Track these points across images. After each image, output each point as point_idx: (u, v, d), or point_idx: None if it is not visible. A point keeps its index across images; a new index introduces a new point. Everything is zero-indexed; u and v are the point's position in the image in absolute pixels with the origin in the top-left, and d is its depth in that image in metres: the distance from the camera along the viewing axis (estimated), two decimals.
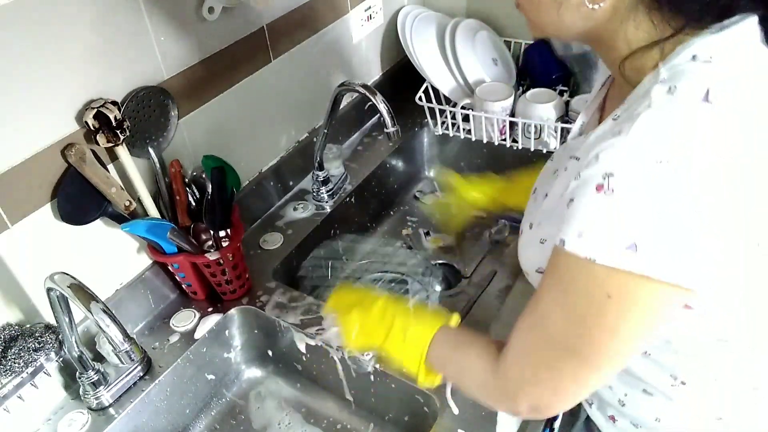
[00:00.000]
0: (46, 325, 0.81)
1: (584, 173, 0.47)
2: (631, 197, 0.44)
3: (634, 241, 0.44)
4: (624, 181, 0.44)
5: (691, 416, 0.66)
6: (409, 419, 0.91)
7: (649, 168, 0.43)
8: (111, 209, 0.86)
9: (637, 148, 0.45)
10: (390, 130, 0.98)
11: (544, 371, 0.56)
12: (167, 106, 0.91)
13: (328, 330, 0.90)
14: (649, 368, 0.63)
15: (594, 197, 0.45)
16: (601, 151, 0.46)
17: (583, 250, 0.46)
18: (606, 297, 0.47)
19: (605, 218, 0.45)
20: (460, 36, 1.31)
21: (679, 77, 0.47)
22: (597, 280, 0.47)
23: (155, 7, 0.85)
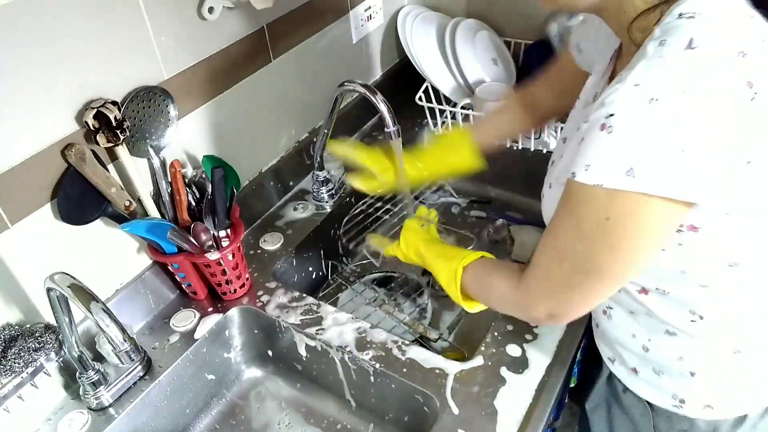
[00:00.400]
0: (46, 325, 0.81)
1: (592, 117, 0.55)
2: (627, 131, 0.52)
3: (632, 166, 0.52)
4: (622, 119, 0.52)
5: (711, 351, 0.71)
6: (409, 419, 0.91)
7: (643, 106, 0.51)
8: (111, 209, 0.86)
9: (633, 91, 0.52)
10: (390, 130, 0.98)
11: (559, 285, 0.66)
12: (167, 106, 0.91)
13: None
14: (669, 307, 0.69)
15: (598, 134, 0.54)
16: (606, 96, 0.55)
17: (589, 179, 0.54)
18: (605, 219, 0.56)
19: (607, 151, 0.53)
20: (460, 36, 1.31)
21: (668, 32, 0.55)
22: (600, 204, 0.55)
23: (155, 7, 0.85)
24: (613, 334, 0.79)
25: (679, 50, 0.52)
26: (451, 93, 1.33)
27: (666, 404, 0.77)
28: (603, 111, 0.54)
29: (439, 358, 0.87)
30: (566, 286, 0.65)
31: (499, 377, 0.84)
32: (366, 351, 0.89)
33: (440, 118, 1.34)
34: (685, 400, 0.75)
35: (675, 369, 0.74)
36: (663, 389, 0.76)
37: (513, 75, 1.39)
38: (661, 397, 0.77)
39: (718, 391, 0.74)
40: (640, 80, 0.52)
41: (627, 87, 0.53)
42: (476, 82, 1.31)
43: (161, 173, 0.91)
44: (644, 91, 0.52)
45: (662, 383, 0.76)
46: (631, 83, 0.53)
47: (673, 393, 0.76)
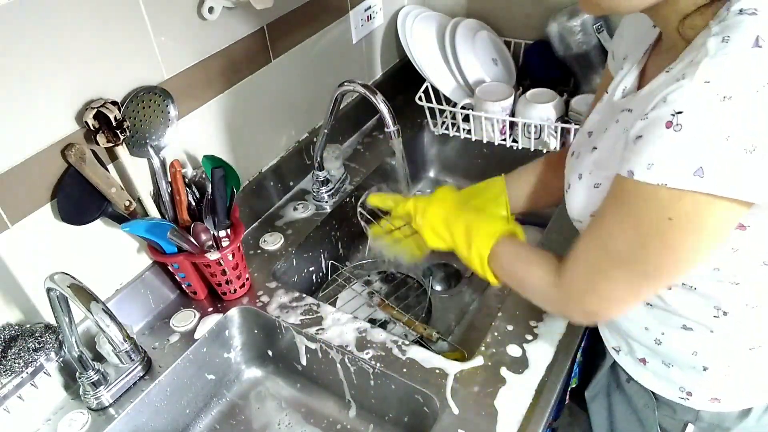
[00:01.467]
0: (46, 325, 0.81)
1: (652, 114, 0.53)
2: (698, 130, 0.50)
3: (701, 166, 0.51)
4: (692, 117, 0.51)
5: (728, 347, 0.71)
6: (409, 419, 0.91)
7: (714, 104, 0.50)
8: (111, 209, 0.86)
9: (703, 88, 0.51)
10: (390, 130, 0.98)
11: (602, 281, 0.65)
12: (167, 106, 0.91)
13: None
14: (694, 302, 0.68)
15: (663, 132, 0.52)
16: (669, 93, 0.53)
17: (653, 178, 0.53)
18: (668, 219, 0.55)
19: (675, 149, 0.52)
20: (460, 36, 1.31)
21: (730, 29, 0.53)
22: (663, 204, 0.54)
23: (155, 7, 0.85)
24: (624, 325, 0.78)
25: (747, 48, 0.51)
26: (451, 93, 1.33)
27: (672, 396, 0.77)
28: (667, 108, 0.52)
29: (439, 358, 0.87)
30: (614, 284, 0.64)
31: (499, 377, 0.84)
32: (366, 351, 0.89)
33: (440, 118, 1.34)
34: (692, 392, 0.75)
35: (687, 363, 0.74)
36: (671, 381, 0.77)
37: (513, 75, 1.39)
38: (667, 389, 0.78)
39: (727, 385, 0.74)
40: (710, 77, 0.51)
41: (696, 84, 0.51)
42: (476, 82, 1.31)
43: (161, 173, 0.91)
44: (716, 89, 0.50)
45: (671, 375, 0.76)
46: (700, 80, 0.51)
47: (681, 385, 0.76)
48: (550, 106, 1.21)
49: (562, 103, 1.24)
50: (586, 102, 1.22)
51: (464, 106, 1.30)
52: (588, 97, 1.24)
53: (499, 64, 1.37)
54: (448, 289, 1.20)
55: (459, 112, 1.29)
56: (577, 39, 1.26)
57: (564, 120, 1.22)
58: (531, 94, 1.24)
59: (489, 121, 1.25)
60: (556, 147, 1.22)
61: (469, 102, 1.31)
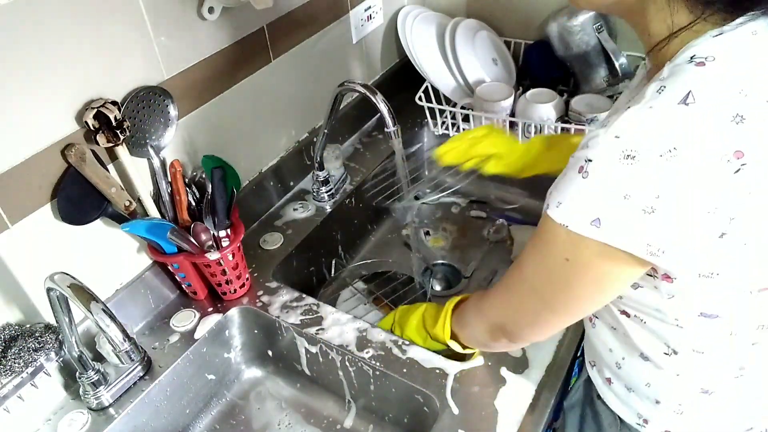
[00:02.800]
0: (46, 325, 0.81)
1: (576, 154, 0.55)
2: (600, 182, 0.52)
3: (598, 216, 0.52)
4: (597, 168, 0.52)
5: (679, 385, 0.70)
6: (409, 419, 0.91)
7: (618, 160, 0.51)
8: (111, 209, 0.86)
9: (612, 142, 0.51)
10: (390, 130, 0.98)
11: (515, 304, 0.69)
12: (167, 106, 0.91)
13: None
14: (645, 336, 0.68)
15: (575, 176, 0.54)
16: (590, 138, 0.54)
17: (558, 217, 0.55)
18: (565, 260, 0.57)
19: (578, 195, 0.53)
20: (460, 36, 1.31)
21: (672, 76, 0.52)
22: (563, 243, 0.56)
23: (155, 7, 0.85)
24: (594, 342, 0.78)
25: (673, 104, 0.50)
26: (451, 93, 1.33)
27: (631, 420, 0.76)
28: (584, 153, 0.53)
29: (439, 358, 0.87)
30: (521, 307, 0.68)
31: (499, 377, 0.84)
32: (366, 351, 0.89)
33: (440, 118, 1.34)
34: (648, 420, 0.74)
35: (642, 392, 0.73)
36: (630, 406, 0.76)
37: (513, 75, 1.39)
38: (627, 412, 0.77)
39: (680, 421, 0.72)
40: (621, 132, 0.51)
41: (609, 136, 0.51)
42: (476, 82, 1.31)
43: (161, 173, 0.91)
44: (623, 146, 0.50)
45: (630, 400, 0.75)
46: (612, 134, 0.51)
47: (638, 412, 0.75)
48: (550, 106, 1.21)
49: (562, 103, 1.24)
50: (586, 102, 1.22)
51: (464, 106, 1.30)
52: (588, 97, 1.24)
53: (499, 64, 1.37)
54: (448, 289, 1.20)
55: (459, 112, 1.29)
56: (577, 39, 1.26)
57: (564, 120, 1.22)
58: (531, 94, 1.24)
59: (489, 121, 1.25)
60: None
61: (469, 102, 1.31)
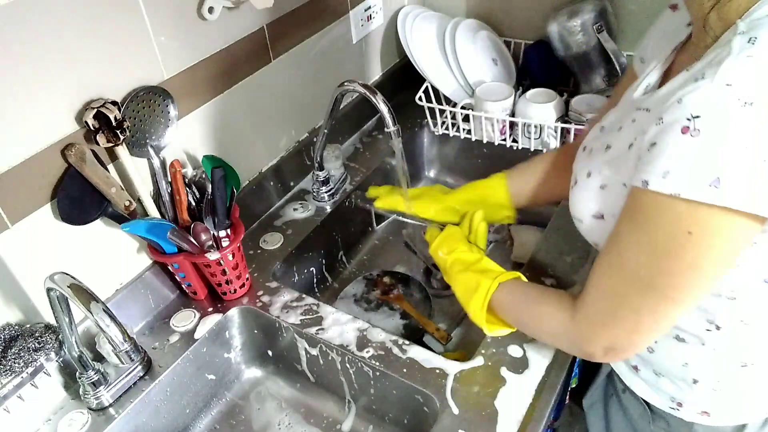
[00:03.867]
0: (46, 325, 0.81)
1: (667, 117, 0.50)
2: (717, 137, 0.47)
3: (718, 176, 0.47)
4: (710, 123, 0.47)
5: (719, 361, 0.69)
6: (409, 419, 0.91)
7: (735, 110, 0.46)
8: (111, 209, 0.86)
9: (723, 91, 0.47)
10: (390, 130, 0.98)
11: (624, 309, 0.59)
12: (167, 106, 0.91)
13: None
14: (689, 315, 0.65)
15: (679, 138, 0.48)
16: (685, 95, 0.49)
17: (668, 188, 0.50)
18: (687, 233, 0.51)
19: (691, 157, 0.48)
20: (460, 36, 1.31)
21: (758, 29, 0.49)
22: (680, 216, 0.50)
23: (155, 7, 0.85)
24: None
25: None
26: (451, 93, 1.33)
27: (663, 405, 0.76)
28: (683, 112, 0.49)
29: (439, 358, 0.87)
30: (634, 311, 0.59)
31: (499, 377, 0.84)
32: (366, 351, 0.89)
33: (440, 118, 1.34)
34: (682, 403, 0.74)
35: (677, 374, 0.72)
36: (661, 390, 0.76)
37: (513, 75, 1.39)
38: (658, 398, 0.77)
39: (717, 399, 0.72)
40: (732, 80, 0.47)
41: (716, 86, 0.47)
42: (476, 82, 1.31)
43: (161, 173, 0.91)
44: (738, 93, 0.47)
45: (660, 384, 0.75)
46: (721, 82, 0.47)
47: (671, 395, 0.75)
48: (550, 106, 1.21)
49: (562, 103, 1.24)
50: (586, 102, 1.22)
51: (464, 106, 1.30)
52: (588, 97, 1.24)
53: (499, 64, 1.37)
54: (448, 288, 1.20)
55: (459, 112, 1.29)
56: (577, 39, 1.26)
57: (564, 120, 1.22)
58: (531, 94, 1.24)
59: (489, 121, 1.25)
60: (556, 147, 1.22)
61: (469, 102, 1.31)
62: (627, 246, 0.57)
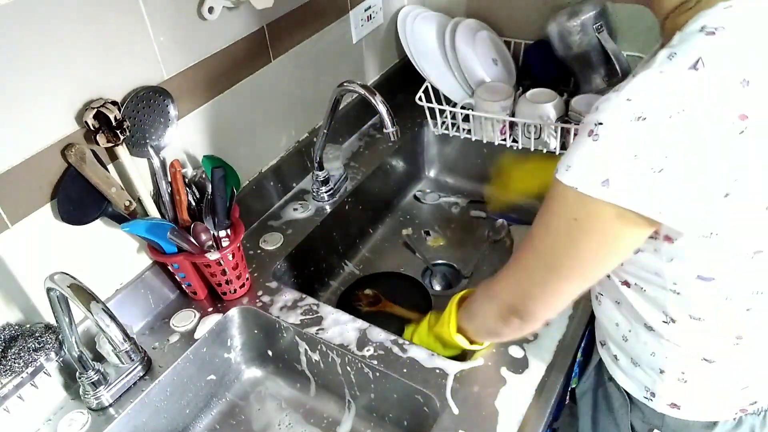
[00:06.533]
0: (46, 325, 0.81)
1: (586, 119, 0.56)
2: (611, 144, 0.53)
3: (608, 177, 0.53)
4: (607, 130, 0.53)
5: (680, 354, 0.71)
6: (409, 419, 0.91)
7: (629, 122, 0.52)
8: (111, 209, 0.86)
9: (624, 105, 0.53)
10: (389, 131, 0.98)
11: (525, 277, 0.68)
12: (167, 106, 0.91)
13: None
14: (645, 304, 0.70)
15: (585, 139, 0.55)
16: (600, 102, 0.55)
17: (567, 179, 0.56)
18: (573, 219, 0.58)
19: (588, 157, 0.55)
20: (460, 36, 1.31)
21: (682, 43, 0.54)
22: (571, 204, 0.57)
23: (155, 7, 0.85)
24: (602, 320, 0.80)
25: (683, 69, 0.52)
26: (451, 93, 1.33)
27: (638, 395, 0.78)
28: (594, 117, 0.54)
29: (439, 358, 0.87)
30: (532, 280, 0.67)
31: (499, 377, 0.84)
32: (366, 351, 0.89)
33: (440, 118, 1.34)
34: (654, 394, 0.76)
35: (648, 363, 0.75)
36: (637, 380, 0.78)
37: (513, 75, 1.39)
38: (635, 387, 0.79)
39: (684, 392, 0.74)
40: (633, 95, 0.53)
41: (620, 99, 0.53)
42: (476, 82, 1.31)
43: (161, 173, 0.91)
44: (634, 108, 0.52)
45: (636, 374, 0.77)
46: (624, 96, 0.53)
47: (645, 385, 0.77)
48: (550, 106, 1.21)
49: (562, 103, 1.24)
50: (586, 102, 1.22)
51: (464, 106, 1.30)
52: (588, 97, 1.24)
53: (499, 64, 1.37)
54: (448, 288, 1.20)
55: (459, 112, 1.29)
56: (577, 39, 1.26)
57: (564, 120, 1.21)
58: (531, 94, 1.24)
59: (489, 121, 1.25)
60: (556, 147, 1.22)
61: (469, 102, 1.31)
62: (536, 223, 0.64)
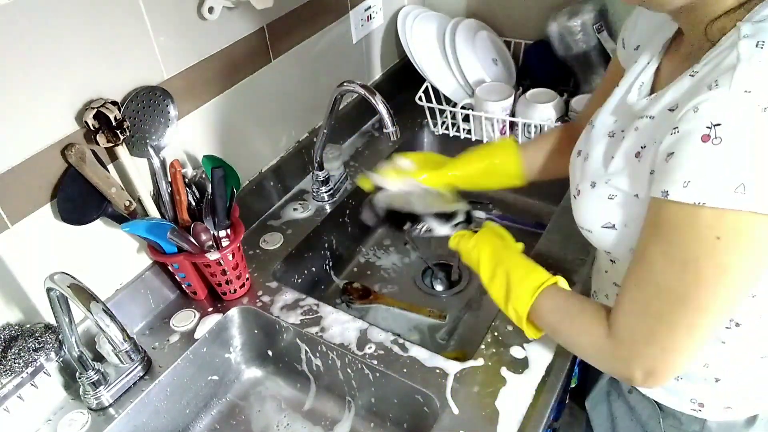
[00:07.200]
0: (46, 325, 0.81)
1: (683, 126, 0.50)
2: (739, 143, 0.47)
3: (743, 182, 0.47)
4: (732, 130, 0.47)
5: (739, 357, 0.68)
6: (409, 419, 0.91)
7: (755, 116, 0.47)
8: (111, 209, 0.86)
9: (741, 98, 0.48)
10: (389, 131, 0.98)
11: (658, 325, 0.57)
12: (167, 106, 0.91)
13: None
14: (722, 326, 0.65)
15: (700, 147, 0.49)
16: (700, 103, 0.49)
17: (691, 197, 0.50)
18: (715, 239, 0.50)
19: (713, 165, 0.48)
20: (460, 36, 1.31)
21: (764, 32, 0.49)
22: (706, 223, 0.50)
23: (155, 7, 0.85)
24: None
25: None
26: (451, 93, 1.33)
27: (683, 408, 0.75)
28: (701, 120, 0.49)
29: (439, 358, 0.87)
30: (669, 327, 0.56)
31: (500, 377, 0.84)
32: (366, 351, 0.89)
33: (440, 118, 1.34)
34: (704, 404, 0.74)
35: (698, 375, 0.71)
36: (680, 393, 0.75)
37: (513, 75, 1.39)
38: (677, 401, 0.75)
39: (738, 394, 0.72)
40: (750, 86, 0.48)
41: (734, 93, 0.48)
42: (476, 82, 1.31)
43: (161, 173, 0.91)
44: (757, 99, 0.47)
45: (680, 388, 0.74)
46: (739, 88, 0.48)
47: (692, 397, 0.74)
48: (550, 106, 1.21)
49: (562, 103, 1.24)
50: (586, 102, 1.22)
51: (464, 106, 1.30)
52: (588, 97, 1.24)
53: (499, 64, 1.37)
54: (449, 288, 1.20)
55: (459, 112, 1.29)
56: (577, 39, 1.26)
57: (564, 120, 1.22)
58: (531, 94, 1.24)
59: (489, 121, 1.25)
60: None
61: (469, 102, 1.31)
62: (654, 259, 0.56)
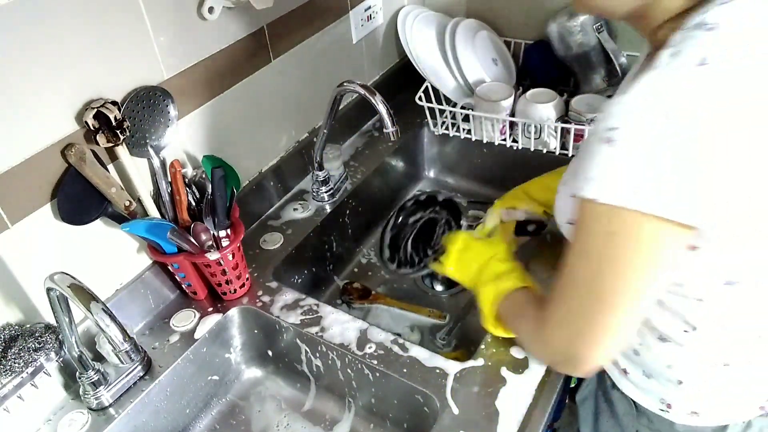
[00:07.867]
0: (46, 325, 0.81)
1: (591, 128, 0.54)
2: (631, 146, 0.50)
3: (635, 182, 0.50)
4: (625, 133, 0.51)
5: (700, 362, 0.70)
6: (409, 419, 0.91)
7: (647, 121, 0.50)
8: (111, 209, 0.86)
9: (637, 105, 0.51)
10: (389, 131, 0.98)
11: (576, 315, 0.60)
12: (167, 106, 0.91)
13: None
14: (664, 316, 0.67)
15: (600, 147, 0.52)
16: (607, 108, 0.53)
17: (589, 192, 0.53)
18: (609, 234, 0.53)
19: (610, 164, 0.52)
20: (460, 36, 1.31)
21: (684, 42, 0.52)
22: (601, 219, 0.53)
23: (155, 7, 0.85)
24: None
25: (692, 65, 0.50)
26: (451, 93, 1.33)
27: (653, 407, 0.77)
28: (605, 123, 0.52)
29: (439, 358, 0.87)
30: (585, 317, 0.60)
31: (500, 377, 0.84)
32: (366, 351, 0.89)
33: (440, 118, 1.34)
34: (671, 405, 0.75)
35: (664, 375, 0.73)
36: (651, 392, 0.76)
37: (513, 75, 1.39)
38: (648, 399, 0.77)
39: (704, 399, 0.73)
40: (644, 94, 0.50)
41: (631, 99, 0.51)
42: (476, 82, 1.31)
43: (161, 173, 0.91)
44: (649, 106, 0.50)
45: (650, 386, 0.76)
46: (637, 95, 0.51)
47: (661, 397, 0.75)
48: (550, 106, 1.21)
49: (562, 103, 1.24)
50: (586, 102, 1.22)
51: (464, 106, 1.30)
52: (588, 97, 1.24)
53: (499, 64, 1.37)
54: (449, 288, 1.20)
55: (459, 112, 1.29)
56: (577, 39, 1.26)
57: (564, 120, 1.21)
58: (531, 94, 1.24)
59: (489, 121, 1.25)
60: (556, 147, 1.22)
61: (469, 102, 1.31)
62: (571, 253, 0.59)
